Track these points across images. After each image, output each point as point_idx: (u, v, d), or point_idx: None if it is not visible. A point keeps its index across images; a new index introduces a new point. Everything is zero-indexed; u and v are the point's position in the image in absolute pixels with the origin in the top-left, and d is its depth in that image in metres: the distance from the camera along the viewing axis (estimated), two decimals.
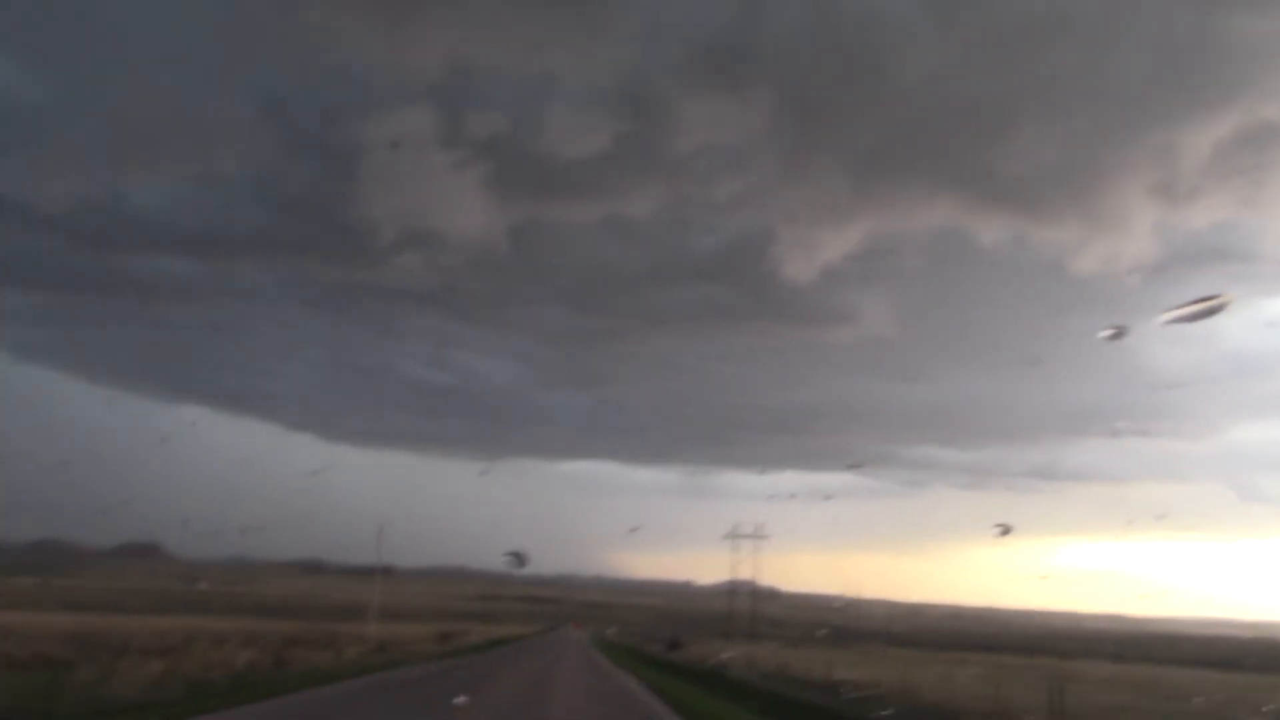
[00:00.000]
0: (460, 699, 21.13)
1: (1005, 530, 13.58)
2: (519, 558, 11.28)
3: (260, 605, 73.32)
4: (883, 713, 22.52)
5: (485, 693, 25.28)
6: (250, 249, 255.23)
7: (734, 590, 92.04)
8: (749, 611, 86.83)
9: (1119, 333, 16.08)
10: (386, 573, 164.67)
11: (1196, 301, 9.50)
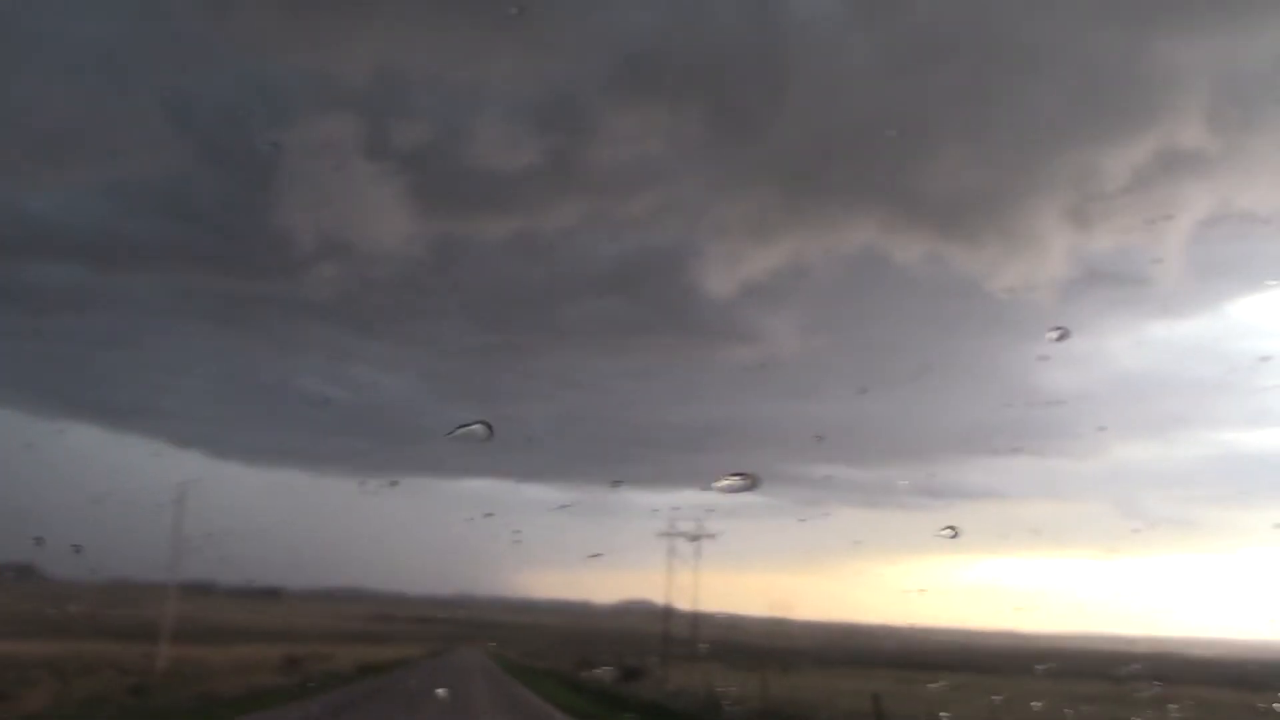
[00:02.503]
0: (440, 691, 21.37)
1: (955, 533, 13.68)
2: (486, 427, 10.57)
3: (129, 629, 67.84)
4: None
5: None
6: (146, 259, 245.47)
7: (669, 605, 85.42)
8: (663, 632, 79.42)
9: (1063, 335, 16.48)
10: (273, 594, 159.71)
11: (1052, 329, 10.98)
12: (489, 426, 10.31)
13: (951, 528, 13.51)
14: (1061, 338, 13.74)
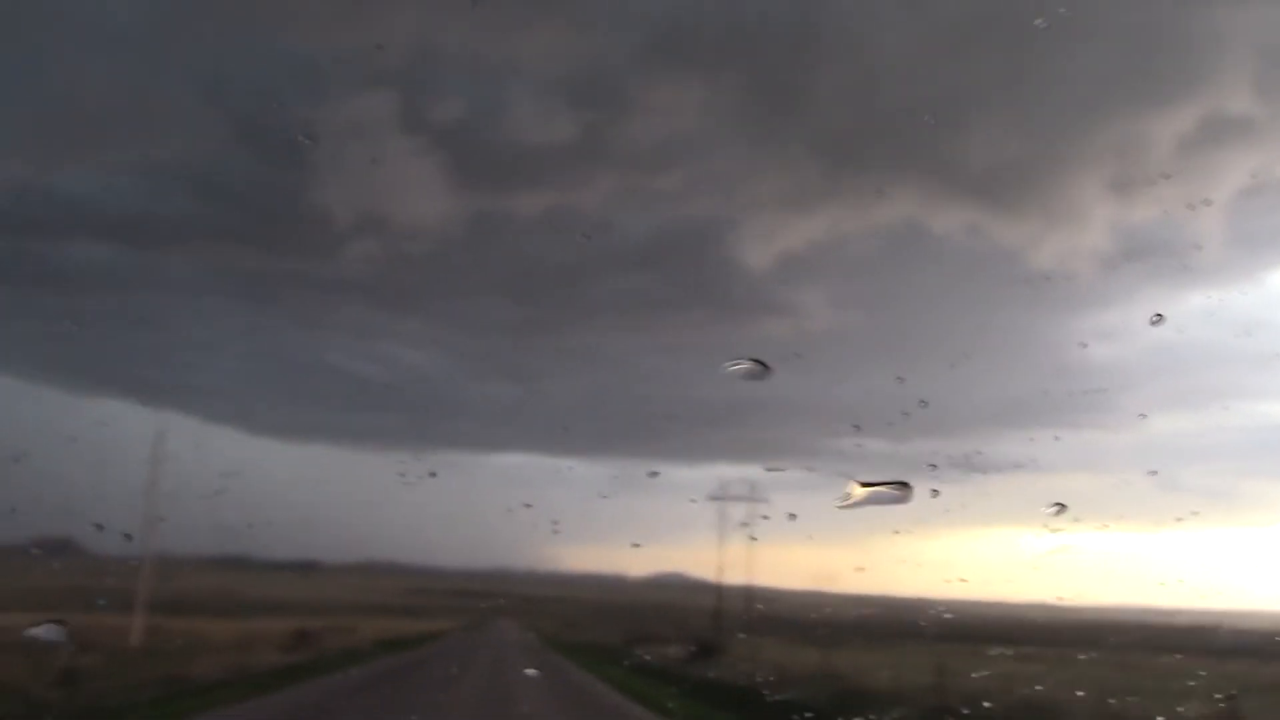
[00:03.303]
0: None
1: (1061, 509, 12.26)
2: (761, 366, 9.21)
3: (162, 603, 67.22)
4: None
5: None
6: (180, 238, 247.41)
7: (721, 572, 79.68)
8: (715, 606, 73.64)
9: (1159, 320, 15.03)
10: (310, 568, 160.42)
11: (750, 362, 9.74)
12: (764, 365, 9.04)
13: (1059, 504, 12.12)
14: (1158, 322, 12.53)
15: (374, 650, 52.05)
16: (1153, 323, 12.77)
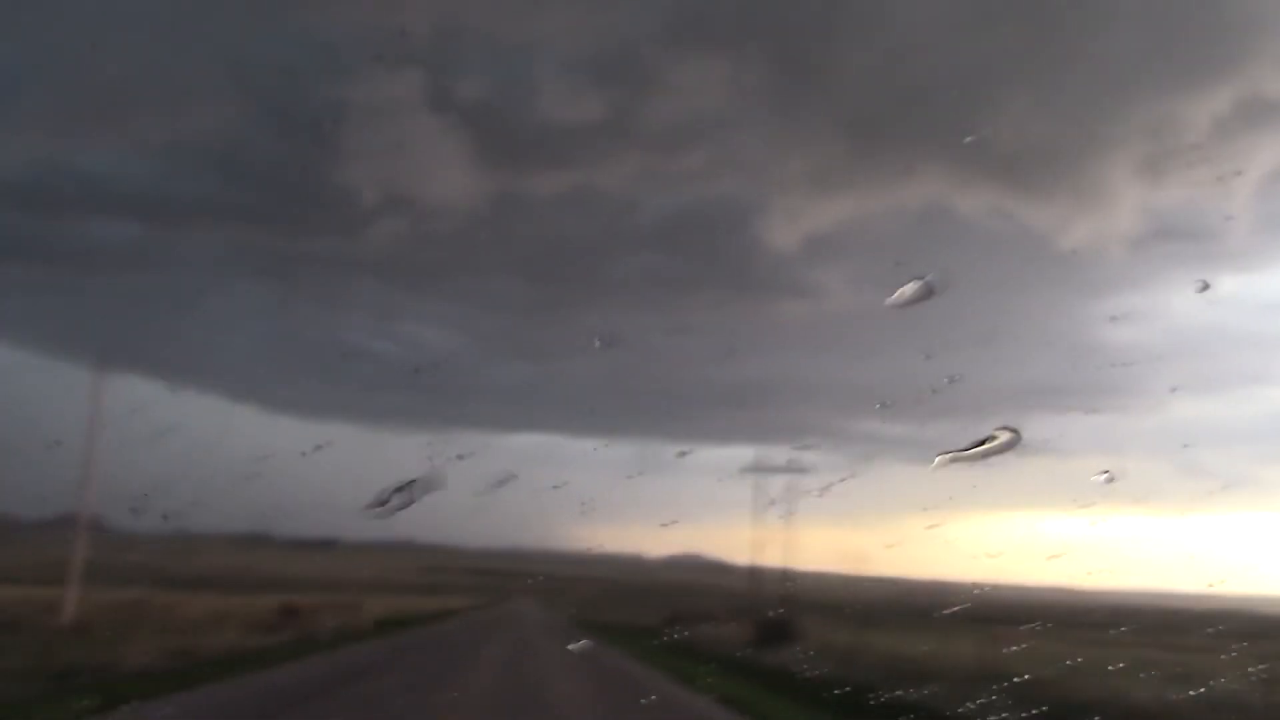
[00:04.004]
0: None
1: (1110, 477, 11.78)
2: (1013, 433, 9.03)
3: (179, 579, 66.68)
4: None
5: None
6: (200, 216, 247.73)
7: (756, 551, 72.49)
8: (751, 589, 66.38)
9: (1205, 286, 14.47)
10: (329, 545, 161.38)
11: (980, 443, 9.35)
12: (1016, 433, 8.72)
13: (1106, 471, 11.68)
14: (1203, 289, 12.04)
15: (369, 631, 45.75)
16: (1198, 290, 12.31)
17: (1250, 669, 25.98)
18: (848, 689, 24.81)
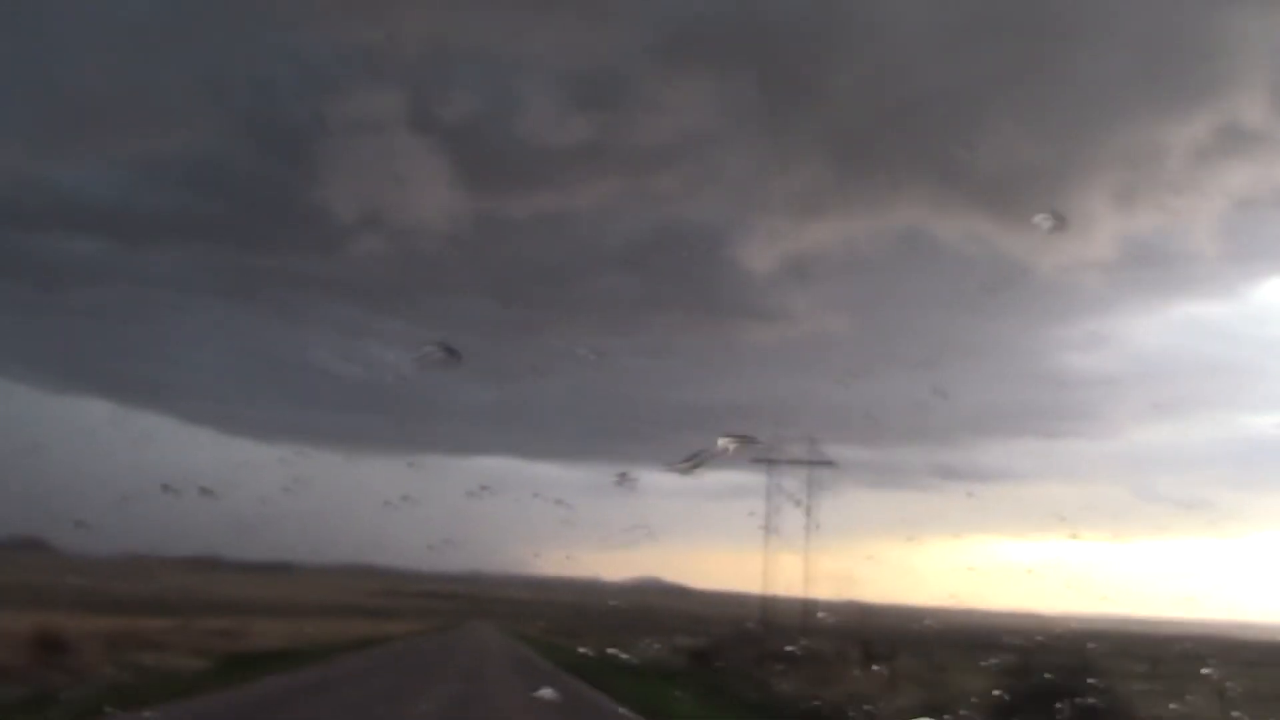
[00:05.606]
0: None
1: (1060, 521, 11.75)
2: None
3: (118, 602, 64.88)
4: None
5: None
6: (166, 233, 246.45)
7: (766, 592, 64.78)
8: (760, 615, 62.62)
9: (1059, 223, 14.42)
10: (284, 569, 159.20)
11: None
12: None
13: (1058, 515, 11.60)
14: (1055, 228, 11.90)
15: (206, 674, 28.19)
16: (1050, 227, 11.75)
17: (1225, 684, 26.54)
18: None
